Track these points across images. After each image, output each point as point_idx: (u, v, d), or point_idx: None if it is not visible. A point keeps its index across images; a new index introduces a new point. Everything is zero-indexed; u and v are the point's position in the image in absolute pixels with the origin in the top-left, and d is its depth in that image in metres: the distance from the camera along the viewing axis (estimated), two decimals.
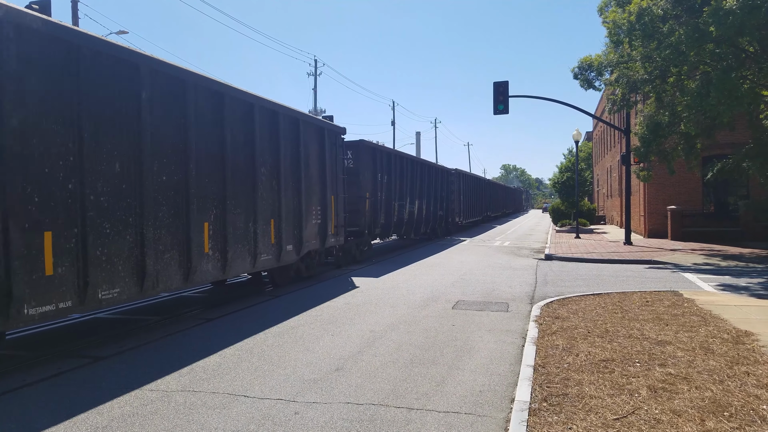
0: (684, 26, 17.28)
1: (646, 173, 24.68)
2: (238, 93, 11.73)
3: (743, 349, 7.64)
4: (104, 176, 8.21)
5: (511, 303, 11.88)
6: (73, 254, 7.67)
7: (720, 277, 15.52)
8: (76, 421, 5.69)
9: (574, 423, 5.26)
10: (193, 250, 10.06)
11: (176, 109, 9.81)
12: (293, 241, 14.00)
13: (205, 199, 10.51)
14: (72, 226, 7.66)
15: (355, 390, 6.51)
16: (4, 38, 6.69)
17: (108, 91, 8.33)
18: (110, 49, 8.39)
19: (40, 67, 7.25)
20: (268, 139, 12.83)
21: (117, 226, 8.44)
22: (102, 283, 8.13)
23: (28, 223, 7.01)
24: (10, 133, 6.76)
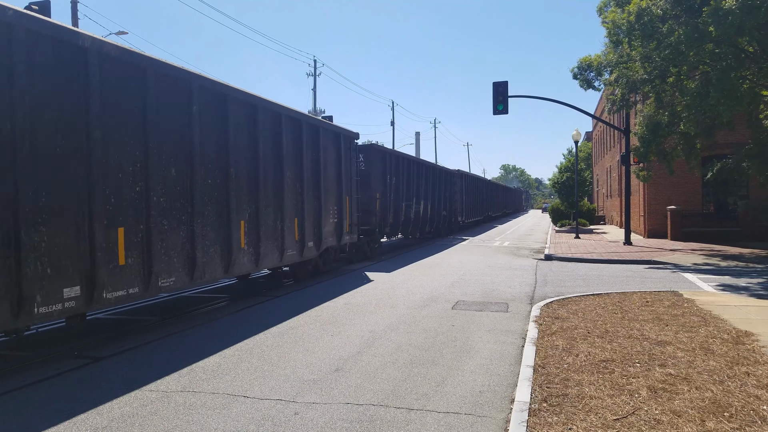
0: (683, 26, 17.28)
1: (646, 173, 24.69)
2: (268, 104, 12.98)
3: (743, 349, 7.64)
4: (163, 181, 9.46)
5: (510, 303, 11.88)
6: (139, 247, 8.90)
7: (720, 277, 15.52)
8: (76, 422, 5.68)
9: (574, 423, 5.25)
10: (233, 245, 11.31)
11: (219, 120, 11.08)
12: (314, 239, 15.26)
13: (241, 200, 11.76)
14: (139, 223, 8.90)
15: (355, 390, 6.51)
16: (94, 69, 8.07)
17: (167, 106, 9.58)
18: (169, 70, 9.68)
19: (114, 88, 8.54)
20: (293, 145, 14.05)
21: (173, 224, 9.69)
22: (162, 273, 9.37)
23: (106, 220, 8.24)
24: (95, 145, 8.00)
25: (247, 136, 12.09)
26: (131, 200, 8.74)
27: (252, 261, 12.18)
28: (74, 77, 7.83)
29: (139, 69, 8.96)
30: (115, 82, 8.50)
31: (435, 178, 31.31)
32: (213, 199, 10.82)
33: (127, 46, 9.13)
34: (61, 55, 7.67)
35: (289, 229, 13.71)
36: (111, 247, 8.30)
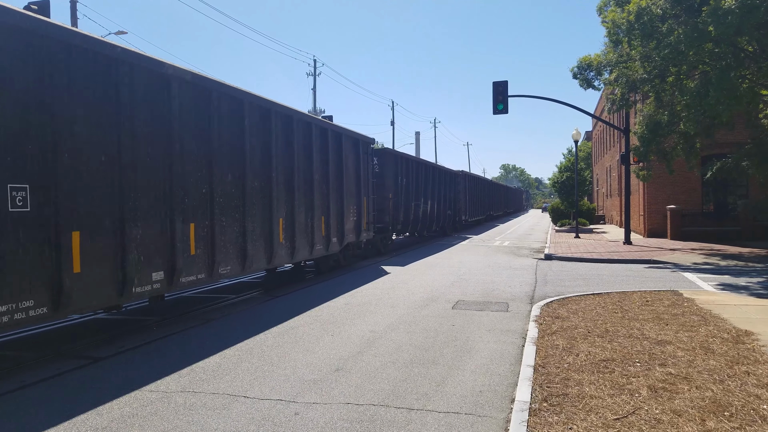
0: (683, 26, 17.28)
1: (646, 173, 24.69)
2: (302, 115, 14.63)
3: (743, 348, 7.64)
4: (222, 184, 11.08)
5: (511, 303, 11.88)
6: (205, 240, 10.58)
7: (719, 277, 15.52)
8: (76, 422, 5.68)
9: (574, 423, 5.25)
10: (274, 240, 12.95)
11: (263, 131, 12.78)
12: (337, 235, 16.91)
13: (280, 200, 13.35)
14: (205, 220, 10.56)
15: (355, 390, 6.51)
16: (174, 93, 9.68)
17: (225, 121, 11.28)
18: (227, 90, 11.29)
19: (187, 108, 10.10)
20: (320, 151, 15.63)
21: (229, 221, 11.33)
22: (222, 262, 11.02)
23: (182, 217, 9.81)
24: (175, 157, 9.65)
25: (284, 144, 13.68)
26: (199, 201, 10.42)
27: (288, 254, 13.83)
28: (160, 102, 9.47)
29: (206, 90, 10.64)
30: (188, 102, 10.11)
31: (440, 179, 32.77)
32: (258, 199, 12.46)
33: (195, 70, 10.52)
34: (151, 83, 9.26)
35: (317, 226, 15.42)
36: (185, 240, 9.91)
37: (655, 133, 20.68)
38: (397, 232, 25.88)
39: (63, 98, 7.62)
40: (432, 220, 30.87)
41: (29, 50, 7.21)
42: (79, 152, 7.88)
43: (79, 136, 7.88)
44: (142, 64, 9.01)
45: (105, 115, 8.34)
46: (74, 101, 7.83)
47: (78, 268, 7.81)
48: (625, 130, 26.45)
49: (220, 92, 11.07)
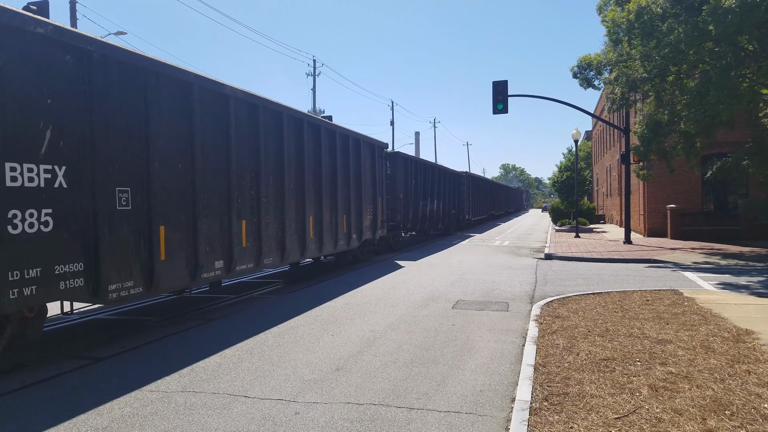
0: (683, 25, 17.27)
1: (646, 172, 24.67)
2: (328, 124, 16.46)
3: (744, 347, 7.63)
4: (267, 187, 12.73)
5: (511, 302, 11.87)
6: (254, 234, 12.21)
7: (720, 276, 15.51)
8: (77, 422, 5.67)
9: (575, 422, 5.24)
10: (306, 235, 14.63)
11: (298, 140, 14.39)
12: (357, 232, 18.59)
13: (310, 201, 14.95)
14: (253, 217, 12.19)
15: (356, 390, 6.50)
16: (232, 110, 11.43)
17: (270, 133, 13.02)
18: (271, 105, 13.07)
19: (243, 123, 11.93)
20: (343, 156, 17.32)
21: (272, 218, 13.00)
22: (266, 253, 12.64)
23: (237, 215, 11.48)
24: (232, 164, 11.37)
25: (314, 150, 15.36)
26: (249, 201, 12.06)
27: (317, 248, 15.48)
28: (221, 117, 11.14)
29: (253, 106, 12.33)
30: (241, 116, 11.80)
31: (446, 179, 34.44)
32: (293, 200, 14.08)
33: (247, 89, 12.08)
34: (214, 101, 10.94)
35: (340, 224, 17.12)
36: (239, 234, 11.56)
37: (656, 132, 20.66)
38: (406, 230, 27.56)
39: (153, 118, 9.21)
40: (438, 219, 32.35)
41: (133, 81, 8.88)
42: (164, 162, 9.48)
43: (164, 149, 9.49)
44: (208, 86, 10.70)
45: (182, 131, 10.01)
46: (161, 121, 9.46)
47: (163, 256, 9.44)
48: (625, 130, 26.44)
49: (265, 107, 12.77)
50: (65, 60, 7.75)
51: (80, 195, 7.95)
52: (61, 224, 7.63)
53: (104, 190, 8.31)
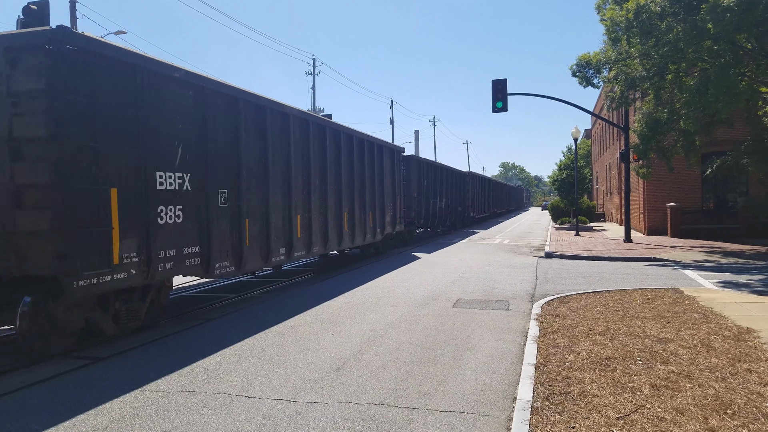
0: (682, 23, 17.25)
1: (646, 170, 24.65)
2: (360, 134, 19.20)
3: (745, 346, 7.62)
4: (314, 188, 15.36)
5: (511, 301, 11.86)
6: (305, 227, 14.91)
7: (720, 274, 15.51)
8: (76, 422, 5.66)
9: (576, 422, 5.23)
10: (342, 229, 17.41)
11: (335, 148, 17.06)
12: (380, 227, 21.31)
13: (346, 199, 17.71)
14: (305, 213, 14.85)
15: (356, 389, 6.49)
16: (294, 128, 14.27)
17: (317, 144, 15.66)
18: (318, 120, 15.96)
19: (299, 137, 14.60)
20: (370, 160, 20.02)
21: (317, 214, 15.64)
22: (315, 243, 15.37)
23: (294, 212, 14.10)
24: (292, 171, 14.03)
25: (348, 156, 18.00)
26: (302, 200, 14.67)
27: (350, 240, 18.18)
28: (284, 132, 13.79)
29: (305, 122, 14.96)
30: (296, 130, 14.42)
31: (453, 179, 37.10)
32: (333, 199, 16.73)
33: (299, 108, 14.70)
34: (279, 120, 13.59)
35: (368, 219, 19.87)
36: (295, 226, 14.14)
37: (655, 130, 20.64)
38: (419, 226, 29.99)
39: (242, 136, 11.88)
40: (446, 216, 34.98)
41: (229, 108, 11.56)
42: (248, 170, 12.14)
43: (248, 159, 12.15)
44: (276, 108, 13.34)
45: (259, 144, 12.65)
46: (247, 137, 12.11)
47: (248, 243, 12.04)
48: (624, 128, 26.42)
49: (314, 122, 15.54)
50: (188, 94, 10.19)
51: (198, 195, 10.46)
52: (187, 217, 10.10)
53: (213, 191, 10.84)
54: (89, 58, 8.07)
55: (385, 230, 21.74)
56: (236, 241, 11.61)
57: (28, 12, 7.82)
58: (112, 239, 8.45)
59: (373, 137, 20.62)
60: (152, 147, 9.25)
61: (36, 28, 7.74)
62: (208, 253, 10.64)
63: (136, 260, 8.87)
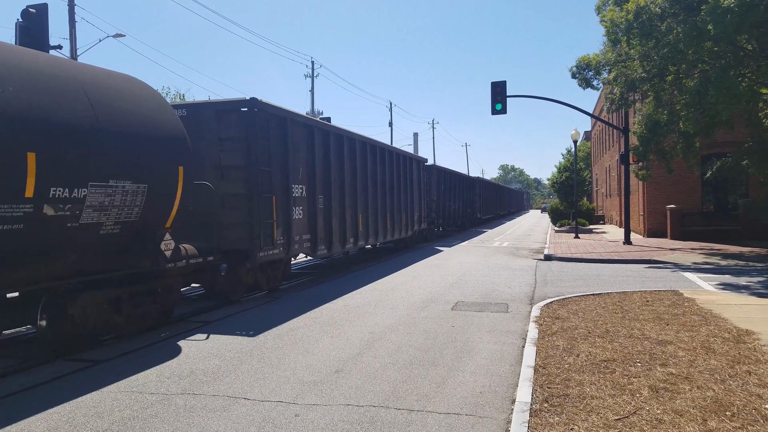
0: (682, 25, 17.26)
1: (645, 172, 24.65)
2: (395, 149, 23.73)
3: (744, 348, 7.62)
4: (367, 192, 19.53)
5: (510, 304, 11.86)
6: (364, 224, 19.17)
7: (720, 276, 15.51)
8: (76, 425, 5.66)
9: (575, 424, 5.23)
10: (386, 225, 21.84)
11: (382, 162, 21.44)
12: (410, 225, 25.53)
13: (387, 201, 21.99)
14: (364, 213, 19.21)
15: (356, 392, 6.49)
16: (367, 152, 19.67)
17: (366, 157, 19.62)
18: (368, 140, 20.07)
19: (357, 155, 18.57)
20: (403, 171, 24.47)
21: (371, 213, 19.93)
22: (369, 236, 19.77)
23: (357, 212, 18.39)
24: (357, 182, 18.50)
25: (389, 167, 22.30)
26: (362, 203, 19.00)
27: (390, 234, 22.54)
28: (353, 153, 18.18)
29: (364, 144, 19.48)
30: (359, 152, 18.83)
31: (463, 184, 41.58)
32: (379, 201, 20.94)
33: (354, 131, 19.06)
34: (349, 144, 17.94)
35: (402, 218, 24.22)
36: (358, 223, 18.54)
37: (655, 132, 20.64)
38: (437, 225, 33.92)
39: (330, 156, 16.38)
40: (458, 216, 39.67)
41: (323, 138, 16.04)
42: (335, 180, 16.68)
43: (333, 173, 16.53)
44: (346, 134, 17.84)
45: (339, 161, 17.10)
46: (333, 157, 16.55)
47: (333, 233, 16.54)
48: (624, 130, 26.42)
49: (369, 143, 20.04)
50: (302, 131, 14.89)
51: (309, 200, 15.09)
52: (304, 215, 14.82)
53: (316, 197, 15.42)
54: (264, 115, 12.85)
55: (413, 228, 26.21)
56: (327, 232, 16.24)
57: (27, 15, 7.83)
58: (274, 228, 13.08)
59: (405, 151, 25.41)
60: (289, 168, 13.92)
61: (236, 99, 12.65)
62: (315, 239, 15.46)
63: (282, 242, 13.59)
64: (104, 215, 8.17)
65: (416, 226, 26.59)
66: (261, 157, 12.51)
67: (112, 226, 8.41)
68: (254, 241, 12.25)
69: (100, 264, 8.67)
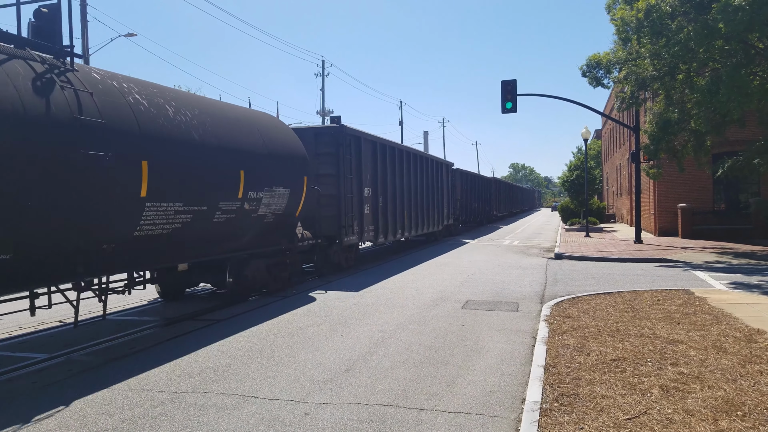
0: (693, 23, 17.16)
1: (656, 171, 24.52)
2: (429, 156, 27.68)
3: (756, 347, 7.57)
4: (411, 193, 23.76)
5: (521, 302, 11.84)
6: (408, 218, 23.49)
7: (731, 275, 15.41)
8: (87, 423, 5.70)
9: (585, 423, 5.22)
10: (423, 220, 25.80)
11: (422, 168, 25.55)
12: (440, 221, 29.58)
13: (424, 201, 25.86)
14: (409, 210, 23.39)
15: (365, 391, 6.50)
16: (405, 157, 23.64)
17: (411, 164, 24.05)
18: (414, 150, 25.01)
19: (404, 164, 23.17)
20: (435, 174, 28.35)
21: (413, 210, 24.08)
22: (412, 228, 23.93)
23: (404, 209, 22.92)
24: (405, 184, 23.16)
25: (426, 172, 26.43)
26: (408, 201, 23.12)
27: (426, 227, 26.49)
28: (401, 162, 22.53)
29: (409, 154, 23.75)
30: (405, 160, 22.98)
31: (482, 184, 46.16)
32: (419, 201, 25.02)
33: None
34: (398, 154, 22.40)
35: (434, 215, 28.23)
36: (404, 218, 22.60)
37: (665, 131, 20.53)
38: (461, 222, 37.85)
39: (386, 165, 20.63)
40: (477, 214, 44.05)
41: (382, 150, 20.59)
42: (392, 182, 21.18)
43: (389, 177, 20.97)
44: (396, 146, 22.18)
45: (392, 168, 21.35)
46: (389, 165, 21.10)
47: (388, 225, 20.69)
48: (635, 129, 26.30)
49: (411, 152, 24.31)
50: (369, 146, 19.04)
51: (373, 199, 19.23)
52: (370, 211, 18.83)
53: (377, 197, 19.70)
54: (347, 136, 17.33)
55: (443, 222, 30.50)
56: (384, 224, 20.58)
57: (39, 15, 7.88)
58: (353, 220, 17.55)
59: (437, 157, 29.62)
60: (362, 175, 18.30)
61: (329, 125, 17.77)
62: (377, 230, 19.89)
63: (357, 231, 17.86)
64: (268, 209, 12.29)
65: (445, 221, 30.93)
66: (345, 166, 17.14)
67: (270, 216, 12.54)
68: (341, 230, 16.97)
69: (260, 242, 12.64)
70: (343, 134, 17.00)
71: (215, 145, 10.36)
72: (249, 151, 11.46)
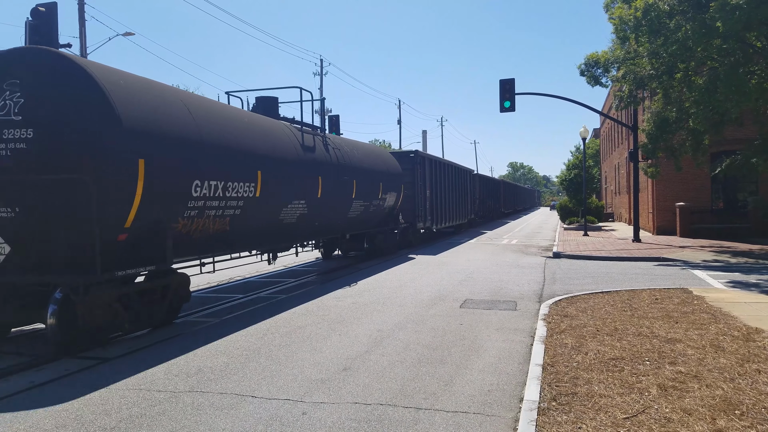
0: (690, 22, 17.16)
1: (654, 170, 24.52)
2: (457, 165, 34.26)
3: (754, 346, 7.58)
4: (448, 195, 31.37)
5: (519, 301, 11.84)
6: (448, 212, 31.41)
7: (730, 274, 15.42)
8: (84, 422, 5.69)
9: (583, 422, 5.22)
10: (455, 214, 33.14)
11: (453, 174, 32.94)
12: (466, 214, 36.45)
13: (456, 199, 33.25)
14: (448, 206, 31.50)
15: (363, 390, 6.50)
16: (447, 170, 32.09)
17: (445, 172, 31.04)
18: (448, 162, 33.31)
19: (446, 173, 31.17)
20: (461, 179, 34.88)
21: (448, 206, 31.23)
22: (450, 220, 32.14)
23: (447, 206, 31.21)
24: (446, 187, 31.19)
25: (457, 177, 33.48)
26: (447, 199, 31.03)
27: (455, 220, 33.03)
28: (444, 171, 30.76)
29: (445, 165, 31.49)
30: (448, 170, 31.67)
31: (492, 185, 54.54)
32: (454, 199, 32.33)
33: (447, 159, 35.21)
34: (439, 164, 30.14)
35: (462, 211, 34.96)
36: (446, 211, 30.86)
37: (663, 129, 20.53)
38: (478, 217, 44.26)
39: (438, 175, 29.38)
40: (490, 210, 51.22)
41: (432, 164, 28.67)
42: (440, 186, 29.28)
43: (441, 183, 29.51)
44: (447, 162, 32.17)
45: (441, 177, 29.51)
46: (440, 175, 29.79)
47: (438, 218, 29.26)
48: (633, 127, 26.31)
49: (448, 164, 31.79)
50: (427, 163, 27.26)
51: (431, 197, 27.20)
52: (429, 205, 26.92)
53: (433, 197, 27.68)
54: (418, 157, 25.95)
55: (468, 216, 37.73)
56: (435, 216, 27.66)
57: (37, 14, 7.87)
58: (417, 215, 25.28)
59: (462, 165, 36.31)
60: (425, 180, 26.21)
61: (409, 150, 27.03)
62: (433, 220, 27.17)
63: (424, 219, 25.52)
64: (387, 204, 20.71)
65: (469, 216, 38.44)
66: (418, 176, 25.51)
67: (387, 209, 21.02)
68: (415, 218, 25.31)
69: (379, 225, 21.19)
70: (417, 156, 25.93)
71: (369, 169, 18.97)
72: (382, 171, 20.38)
